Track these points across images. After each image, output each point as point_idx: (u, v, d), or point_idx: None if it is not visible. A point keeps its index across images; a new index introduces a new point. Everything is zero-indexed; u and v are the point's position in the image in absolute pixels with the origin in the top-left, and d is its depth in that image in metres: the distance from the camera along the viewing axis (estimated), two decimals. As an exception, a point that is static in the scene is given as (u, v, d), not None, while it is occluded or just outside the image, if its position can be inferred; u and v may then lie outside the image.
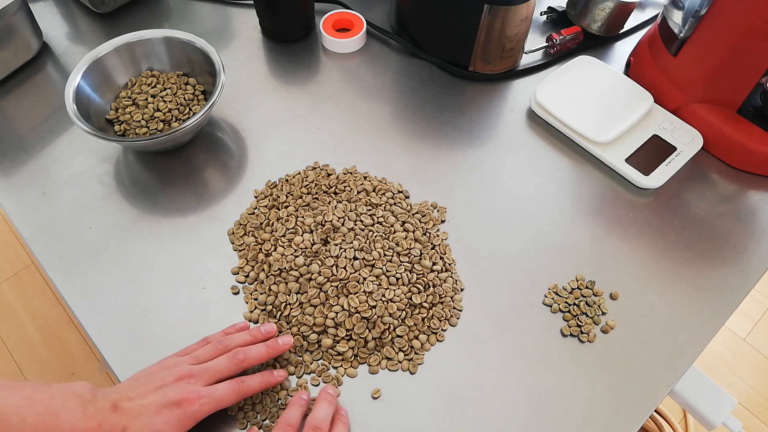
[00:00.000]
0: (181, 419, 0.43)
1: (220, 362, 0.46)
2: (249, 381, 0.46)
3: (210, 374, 0.46)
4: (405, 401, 0.49)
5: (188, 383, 0.44)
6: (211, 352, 0.47)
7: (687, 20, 0.60)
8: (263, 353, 0.48)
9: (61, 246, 0.56)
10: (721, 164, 0.64)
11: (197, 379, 0.45)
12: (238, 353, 0.47)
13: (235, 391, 0.45)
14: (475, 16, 0.63)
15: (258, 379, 0.47)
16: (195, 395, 0.44)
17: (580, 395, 0.50)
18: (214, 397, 0.44)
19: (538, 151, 0.65)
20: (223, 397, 0.45)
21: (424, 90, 0.70)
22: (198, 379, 0.45)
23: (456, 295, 0.54)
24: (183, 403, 0.43)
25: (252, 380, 0.47)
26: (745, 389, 1.26)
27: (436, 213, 0.60)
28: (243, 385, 0.46)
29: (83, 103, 0.59)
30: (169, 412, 0.43)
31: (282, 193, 0.59)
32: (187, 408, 0.43)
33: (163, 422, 0.42)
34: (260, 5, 0.71)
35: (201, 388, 0.44)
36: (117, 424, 0.42)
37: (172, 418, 0.42)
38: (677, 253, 0.58)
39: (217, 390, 0.45)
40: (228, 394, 0.45)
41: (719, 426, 0.77)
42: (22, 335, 1.31)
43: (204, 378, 0.45)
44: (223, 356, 0.47)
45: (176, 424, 0.43)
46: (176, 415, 0.43)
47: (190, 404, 0.43)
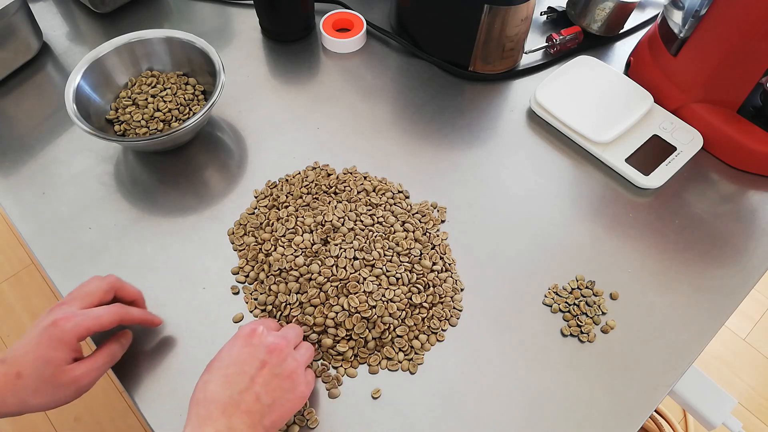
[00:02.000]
0: (60, 337, 0.43)
1: (92, 283, 0.48)
2: (131, 309, 0.48)
3: (82, 295, 0.46)
4: (405, 401, 0.49)
5: (60, 308, 0.45)
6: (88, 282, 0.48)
7: (687, 20, 0.60)
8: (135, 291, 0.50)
9: (61, 246, 0.57)
10: (721, 164, 0.64)
11: (70, 304, 0.46)
12: (110, 276, 0.49)
13: (115, 311, 0.46)
14: (475, 16, 0.63)
15: (139, 311, 0.49)
16: (69, 314, 0.44)
17: (580, 395, 0.50)
18: (90, 314, 0.45)
19: (538, 151, 0.65)
20: (101, 315, 0.45)
21: (424, 90, 0.70)
22: (71, 304, 0.46)
23: (456, 295, 0.54)
24: (57, 323, 0.44)
25: (133, 309, 0.48)
26: (745, 389, 1.26)
27: (436, 213, 0.60)
28: (122, 308, 0.47)
29: (83, 103, 0.59)
30: (47, 336, 0.43)
31: (282, 193, 0.59)
32: (63, 325, 0.44)
33: (45, 347, 0.43)
34: (260, 5, 0.71)
35: (76, 310, 0.45)
36: (8, 373, 0.43)
37: (52, 339, 0.43)
38: (677, 253, 0.58)
39: (94, 309, 0.46)
40: (107, 312, 0.46)
41: (719, 426, 0.77)
42: (22, 335, 1.31)
43: (77, 301, 0.46)
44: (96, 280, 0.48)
45: (58, 342, 0.43)
46: (55, 335, 0.43)
47: (65, 322, 0.44)
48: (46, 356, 0.43)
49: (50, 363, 0.43)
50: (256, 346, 0.44)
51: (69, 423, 1.21)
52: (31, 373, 0.43)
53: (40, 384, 0.43)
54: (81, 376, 0.44)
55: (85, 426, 1.20)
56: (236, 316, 0.53)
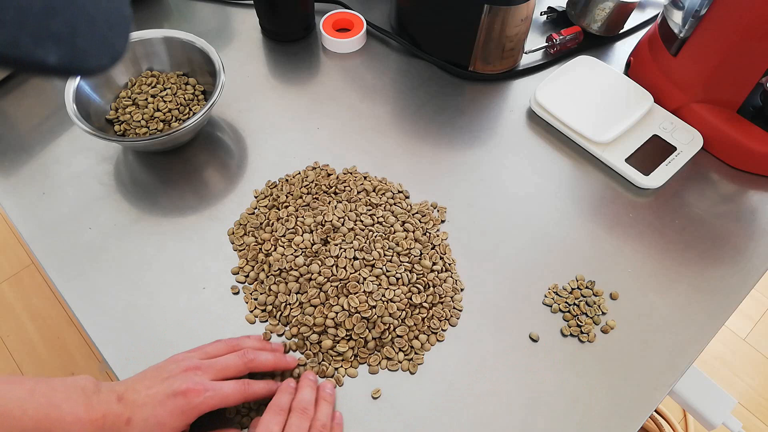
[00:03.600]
0: (185, 410, 0.42)
1: (228, 359, 0.46)
2: (255, 384, 0.46)
3: (218, 369, 0.45)
4: (405, 401, 0.49)
5: (195, 374, 0.44)
6: (222, 349, 0.48)
7: (687, 20, 0.60)
8: (271, 359, 0.48)
9: (61, 246, 0.56)
10: (721, 164, 0.64)
11: (204, 372, 0.44)
12: (247, 352, 0.47)
13: (241, 391, 0.45)
14: (475, 16, 0.63)
15: (263, 384, 0.47)
16: (201, 387, 0.43)
17: (580, 395, 0.50)
18: (219, 392, 0.44)
19: (538, 151, 0.65)
20: (229, 394, 0.44)
21: (424, 90, 0.70)
22: (205, 373, 0.44)
23: (456, 295, 0.54)
24: (188, 394, 0.42)
25: (258, 384, 0.47)
26: (745, 389, 1.26)
27: (436, 213, 0.60)
28: (249, 387, 0.46)
29: (83, 103, 0.59)
30: (173, 402, 0.42)
31: (282, 193, 0.59)
32: (191, 399, 0.42)
33: (167, 412, 0.42)
34: (260, 5, 0.71)
35: (207, 381, 0.44)
36: (122, 415, 0.41)
37: (176, 408, 0.42)
38: (677, 253, 0.58)
39: (224, 386, 0.44)
40: (234, 392, 0.45)
41: (719, 426, 0.77)
42: (22, 335, 1.31)
43: (211, 372, 0.45)
44: (232, 353, 0.47)
45: (179, 414, 0.42)
46: (180, 406, 0.42)
47: (195, 395, 0.43)
48: (163, 421, 0.42)
49: (162, 428, 0.42)
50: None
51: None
52: (139, 428, 0.42)
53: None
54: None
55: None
56: (248, 317, 0.53)
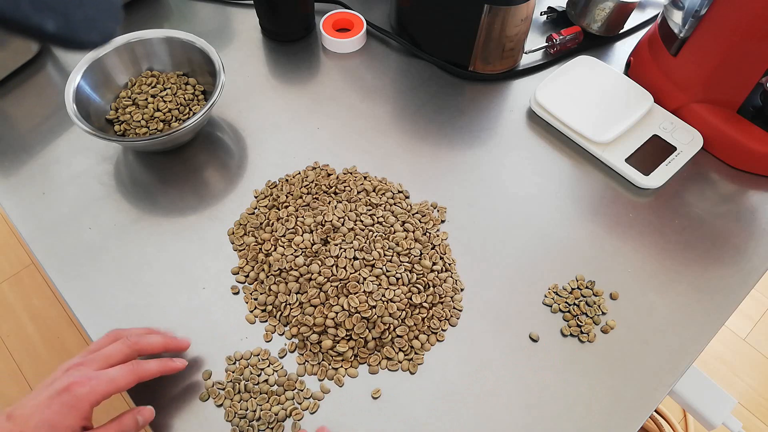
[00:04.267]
0: (73, 404, 0.41)
1: (112, 347, 0.46)
2: (145, 364, 0.45)
3: (101, 359, 0.44)
4: (405, 401, 0.49)
5: (77, 370, 0.43)
6: (105, 340, 0.47)
7: (687, 20, 0.60)
8: (159, 340, 0.47)
9: (61, 246, 0.56)
10: (721, 164, 0.64)
11: (88, 365, 0.44)
12: (131, 337, 0.46)
13: (131, 371, 0.44)
14: (475, 16, 0.63)
15: (155, 363, 0.46)
16: (84, 378, 0.42)
17: (580, 395, 0.50)
18: (105, 377, 0.43)
19: (538, 151, 0.65)
20: (116, 377, 0.43)
21: (424, 90, 0.70)
22: (89, 365, 0.44)
23: (456, 295, 0.54)
24: (71, 387, 0.41)
25: (149, 363, 0.46)
26: (745, 389, 1.26)
27: (436, 213, 0.60)
28: (138, 366, 0.45)
29: (83, 103, 0.59)
30: (58, 401, 0.41)
31: (282, 193, 0.59)
32: (76, 390, 0.41)
33: (54, 413, 0.41)
34: (260, 5, 0.71)
35: (91, 372, 0.43)
36: (12, 430, 0.40)
37: (63, 405, 0.41)
38: (677, 253, 0.58)
39: (110, 371, 0.43)
40: (122, 374, 0.44)
41: (719, 426, 0.77)
42: (22, 335, 1.31)
43: (95, 364, 0.44)
44: (116, 341, 0.46)
45: (69, 410, 0.41)
46: (66, 402, 0.41)
47: (79, 386, 0.42)
48: (53, 422, 0.40)
49: (55, 429, 0.40)
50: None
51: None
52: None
53: None
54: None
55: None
56: (248, 317, 0.53)
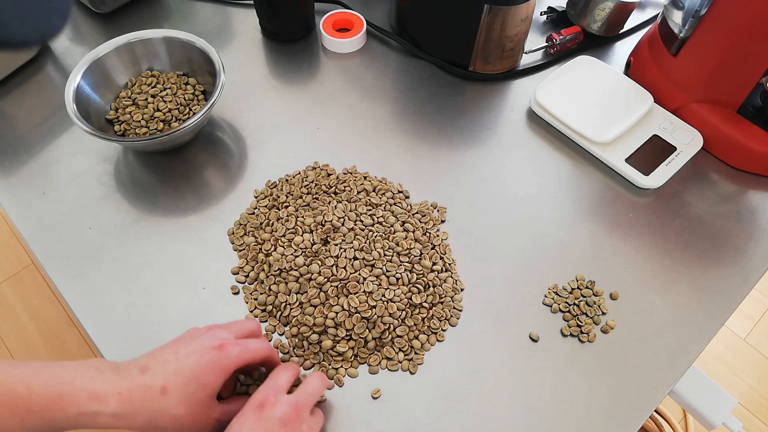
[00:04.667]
0: (223, 364, 0.39)
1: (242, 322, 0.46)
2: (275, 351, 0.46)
3: (235, 328, 0.44)
4: (405, 401, 0.49)
5: (220, 331, 0.42)
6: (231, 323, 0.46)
7: (687, 20, 0.60)
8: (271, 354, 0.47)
9: (61, 246, 0.56)
10: (721, 164, 0.64)
11: (227, 330, 0.43)
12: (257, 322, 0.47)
13: (268, 347, 0.44)
14: (475, 16, 0.63)
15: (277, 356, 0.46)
16: (231, 342, 0.41)
17: (580, 395, 0.50)
18: (251, 345, 0.42)
19: (538, 151, 0.65)
20: (258, 349, 0.42)
21: (424, 90, 0.70)
22: (227, 331, 0.43)
23: (456, 295, 0.54)
24: (224, 346, 0.40)
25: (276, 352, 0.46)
26: (745, 389, 1.26)
27: (436, 213, 0.60)
28: (272, 347, 0.45)
29: (83, 103, 0.59)
30: (209, 357, 0.39)
31: (282, 193, 0.59)
32: (228, 350, 0.40)
33: (206, 369, 0.38)
34: (260, 5, 0.71)
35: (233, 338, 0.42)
36: (152, 386, 0.38)
37: (214, 362, 0.39)
38: (677, 253, 0.58)
39: (251, 342, 0.42)
40: (262, 347, 0.43)
41: (719, 426, 0.77)
42: (22, 335, 1.31)
43: (230, 331, 0.43)
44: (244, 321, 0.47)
45: (219, 369, 0.39)
46: (218, 359, 0.39)
47: (231, 347, 0.40)
48: (204, 380, 0.39)
49: (204, 389, 0.39)
50: (268, 421, 0.39)
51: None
52: (179, 394, 0.38)
53: (183, 409, 0.38)
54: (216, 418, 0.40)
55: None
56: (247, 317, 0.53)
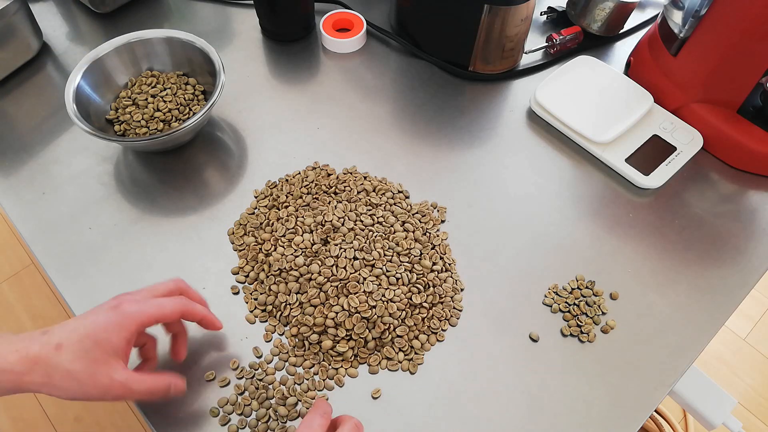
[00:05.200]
0: (120, 321, 0.39)
1: (160, 283, 0.45)
2: (195, 305, 0.44)
3: (149, 288, 0.43)
4: (405, 401, 0.49)
5: (126, 295, 0.42)
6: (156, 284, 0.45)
7: (687, 20, 0.60)
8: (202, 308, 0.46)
9: (61, 246, 0.56)
10: (721, 164, 0.64)
11: (136, 294, 0.43)
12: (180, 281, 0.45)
13: (179, 303, 0.43)
14: (475, 16, 0.63)
15: (202, 308, 0.45)
16: (133, 299, 0.41)
17: (580, 395, 0.50)
18: (155, 302, 0.41)
19: (538, 151, 0.65)
20: (164, 304, 0.42)
21: (424, 90, 0.70)
22: (136, 294, 0.42)
23: (456, 295, 0.54)
24: (120, 305, 0.40)
25: (195, 305, 0.44)
26: (745, 389, 1.26)
27: (436, 213, 0.60)
28: (187, 302, 0.43)
29: (83, 103, 0.59)
30: (105, 316, 0.39)
31: (282, 193, 0.59)
32: (125, 308, 0.39)
33: (99, 326, 0.38)
34: (260, 5, 0.71)
35: (141, 297, 0.42)
36: (48, 343, 0.37)
37: (110, 321, 0.39)
38: (677, 253, 0.58)
39: (159, 299, 0.42)
40: (171, 303, 0.42)
41: (719, 426, 0.77)
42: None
43: (142, 292, 0.43)
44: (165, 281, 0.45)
45: (115, 326, 0.39)
46: (113, 318, 0.39)
47: (128, 305, 0.40)
48: (98, 337, 0.38)
49: (99, 345, 0.38)
50: None
51: (69, 422, 1.21)
52: (73, 350, 0.37)
53: (79, 365, 0.37)
54: (120, 381, 0.39)
55: (85, 426, 1.20)
56: (248, 316, 0.53)
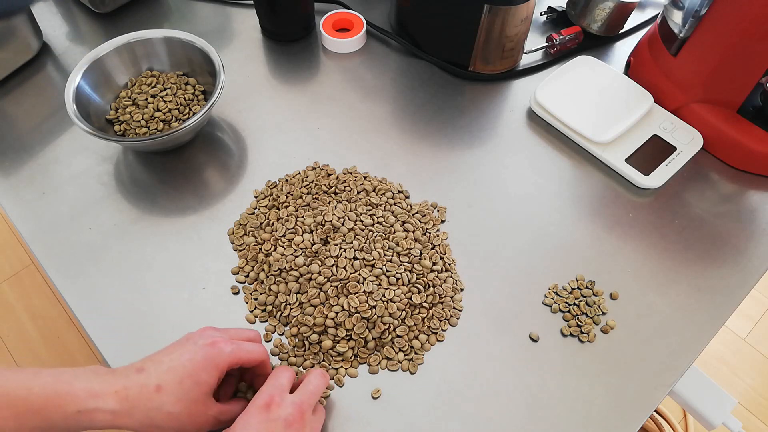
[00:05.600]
0: (216, 361, 0.40)
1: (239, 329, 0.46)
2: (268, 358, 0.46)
3: (232, 331, 0.45)
4: (405, 401, 0.49)
5: (215, 333, 0.43)
6: None
7: (687, 20, 0.60)
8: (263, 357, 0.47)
9: (61, 246, 0.56)
10: (721, 164, 0.64)
11: (222, 334, 0.44)
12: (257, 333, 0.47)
13: (263, 351, 0.44)
14: (475, 16, 0.63)
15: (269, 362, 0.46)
16: (226, 339, 0.42)
17: (580, 395, 0.50)
18: (242, 346, 0.42)
19: (538, 151, 0.65)
20: (252, 350, 0.43)
21: (424, 90, 0.70)
22: (223, 334, 0.44)
23: (456, 295, 0.54)
24: (217, 343, 0.41)
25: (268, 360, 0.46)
26: (745, 389, 1.26)
27: (436, 213, 0.60)
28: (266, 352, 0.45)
29: (83, 103, 0.59)
30: (202, 354, 0.40)
31: (282, 193, 0.59)
32: (221, 347, 0.40)
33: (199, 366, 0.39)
34: (260, 5, 0.71)
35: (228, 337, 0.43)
36: (147, 384, 0.38)
37: (207, 359, 0.40)
38: (677, 253, 0.58)
39: (245, 343, 0.43)
40: (257, 349, 0.43)
41: (719, 426, 0.77)
42: (22, 335, 1.31)
43: (225, 332, 0.44)
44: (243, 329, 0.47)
45: (213, 366, 0.40)
46: (210, 356, 0.40)
47: (224, 344, 0.41)
48: (198, 377, 0.39)
49: (199, 386, 0.39)
50: (274, 422, 0.39)
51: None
52: (173, 392, 0.39)
53: (180, 407, 0.39)
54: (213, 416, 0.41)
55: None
56: (248, 316, 0.53)
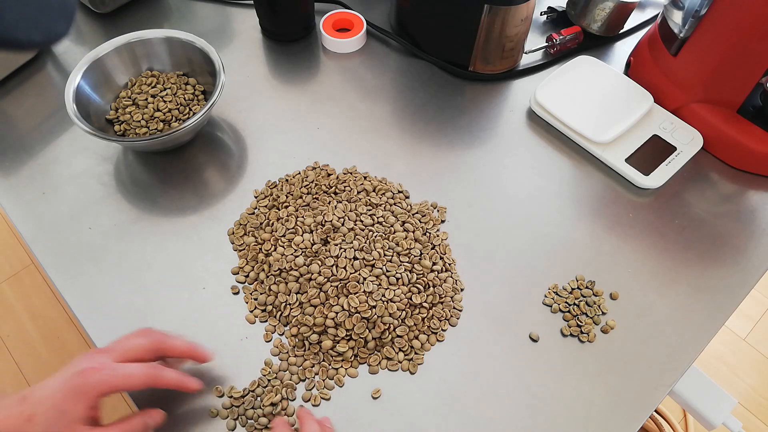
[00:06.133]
0: (83, 390, 0.40)
1: (135, 339, 0.44)
2: (164, 370, 0.44)
3: (121, 348, 0.43)
4: (405, 401, 0.49)
5: (98, 355, 0.42)
6: (132, 336, 0.45)
7: (687, 20, 0.60)
8: (184, 345, 0.46)
9: (61, 246, 0.56)
10: (721, 164, 0.64)
11: (108, 353, 0.42)
12: (154, 332, 0.45)
13: (147, 373, 0.42)
14: (475, 16, 0.63)
15: (175, 374, 0.44)
16: (99, 365, 0.41)
17: (580, 395, 0.50)
18: (121, 371, 0.41)
19: (538, 151, 0.65)
20: (132, 374, 0.42)
21: (424, 90, 0.70)
22: (109, 353, 0.42)
23: (456, 295, 0.54)
24: (85, 373, 0.40)
25: (167, 371, 0.44)
26: (745, 389, 1.26)
27: (436, 213, 0.60)
28: (157, 371, 0.43)
29: (83, 103, 0.59)
30: (69, 385, 0.40)
31: (282, 193, 0.59)
32: (88, 377, 0.40)
33: (64, 397, 0.40)
34: (260, 5, 0.71)
35: (109, 361, 0.42)
36: (22, 414, 0.39)
37: (72, 390, 0.40)
38: (677, 253, 0.58)
39: (128, 366, 0.42)
40: (139, 373, 0.42)
41: (719, 426, 0.77)
42: (22, 335, 1.31)
43: (116, 353, 0.43)
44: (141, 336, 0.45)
45: (78, 396, 0.40)
46: (76, 386, 0.40)
47: (91, 373, 0.40)
48: (62, 407, 0.40)
49: (64, 416, 0.40)
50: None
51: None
52: (42, 421, 0.39)
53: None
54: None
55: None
56: (248, 316, 0.53)
